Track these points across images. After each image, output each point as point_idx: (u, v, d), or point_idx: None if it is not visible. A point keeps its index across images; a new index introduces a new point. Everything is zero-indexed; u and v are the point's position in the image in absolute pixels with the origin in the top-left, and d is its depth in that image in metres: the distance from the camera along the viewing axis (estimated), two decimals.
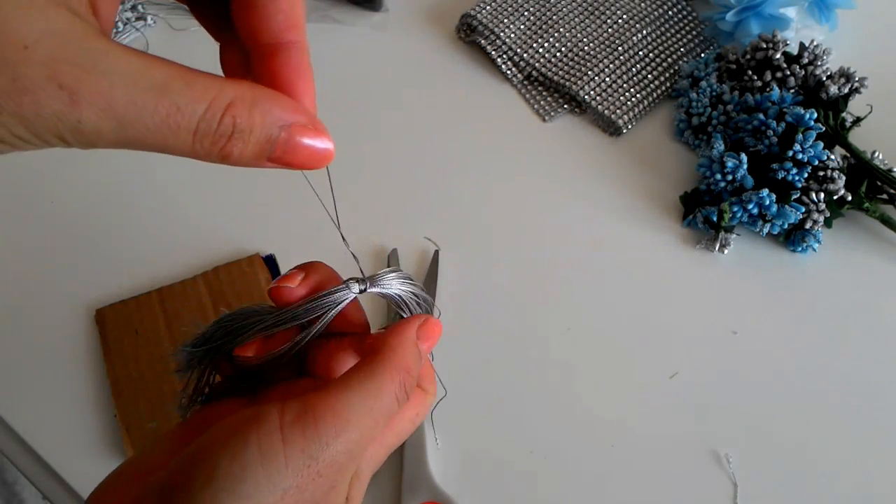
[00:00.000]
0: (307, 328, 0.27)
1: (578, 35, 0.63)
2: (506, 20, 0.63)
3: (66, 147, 0.20)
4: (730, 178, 0.52)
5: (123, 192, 0.56)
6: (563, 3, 0.65)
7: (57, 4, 0.19)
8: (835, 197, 0.52)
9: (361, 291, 0.28)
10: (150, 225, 0.54)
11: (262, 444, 0.22)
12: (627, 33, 0.64)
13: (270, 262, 0.51)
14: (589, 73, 0.61)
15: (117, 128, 0.19)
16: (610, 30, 0.64)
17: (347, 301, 0.27)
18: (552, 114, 0.61)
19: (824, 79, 0.55)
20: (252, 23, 0.24)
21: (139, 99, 0.19)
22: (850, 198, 0.52)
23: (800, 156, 0.51)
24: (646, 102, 0.61)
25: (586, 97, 0.60)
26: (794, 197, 0.51)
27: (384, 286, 0.28)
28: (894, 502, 0.44)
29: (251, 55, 0.25)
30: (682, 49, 0.64)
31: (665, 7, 0.66)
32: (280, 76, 0.24)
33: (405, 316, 0.30)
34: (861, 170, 0.54)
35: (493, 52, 0.63)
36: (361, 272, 0.29)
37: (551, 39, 0.63)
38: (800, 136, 0.51)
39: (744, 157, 0.52)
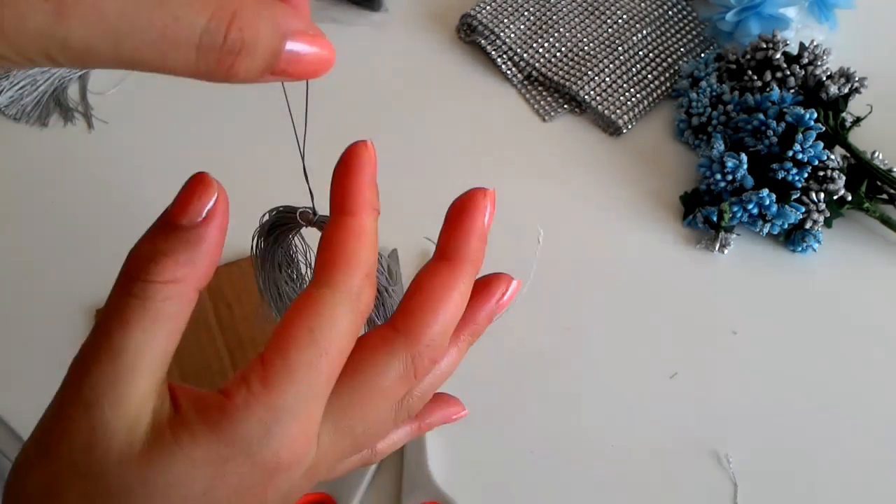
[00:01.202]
0: None
1: (578, 35, 0.63)
2: (506, 20, 0.63)
3: (56, 66, 0.18)
4: (730, 178, 0.52)
5: (123, 192, 0.56)
6: (563, 3, 0.65)
7: None
8: (835, 197, 0.52)
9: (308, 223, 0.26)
10: (150, 225, 0.54)
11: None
12: (627, 33, 0.64)
13: None
14: (589, 73, 0.61)
15: (111, 44, 0.17)
16: (610, 30, 0.64)
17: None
18: (552, 114, 0.61)
19: (824, 79, 0.55)
20: None
21: (131, 9, 0.17)
22: (850, 198, 0.52)
23: (800, 156, 0.51)
24: (646, 102, 0.61)
25: (586, 97, 0.60)
26: (794, 197, 0.51)
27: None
28: (894, 502, 0.44)
29: None
30: (682, 49, 0.64)
31: (665, 7, 0.66)
32: None
33: None
34: (861, 170, 0.54)
35: (493, 52, 0.63)
36: (313, 210, 0.27)
37: (551, 39, 0.63)
38: (800, 136, 0.51)
39: (744, 157, 0.52)
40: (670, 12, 0.66)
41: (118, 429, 0.21)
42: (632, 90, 0.61)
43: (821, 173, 0.52)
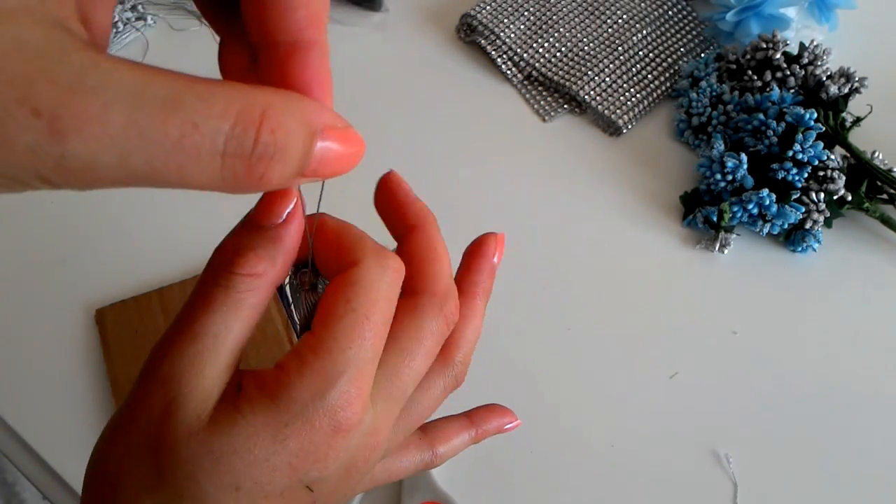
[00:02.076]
0: None
1: (578, 35, 0.63)
2: (506, 20, 0.63)
3: (52, 188, 0.16)
4: (730, 178, 0.52)
5: (123, 192, 0.56)
6: (563, 3, 0.65)
7: (27, 9, 0.15)
8: (835, 197, 0.52)
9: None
10: (150, 225, 0.54)
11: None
12: (627, 33, 0.64)
13: None
14: (589, 73, 0.61)
15: (116, 160, 0.15)
16: (610, 30, 0.64)
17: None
18: (552, 114, 0.61)
19: (824, 79, 0.55)
20: (267, 16, 0.20)
21: (142, 117, 0.15)
22: (850, 198, 0.52)
23: (800, 156, 0.51)
24: (646, 102, 0.61)
25: (586, 97, 0.60)
26: (794, 197, 0.51)
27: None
28: (894, 502, 0.44)
29: (260, 55, 0.21)
30: (682, 49, 0.64)
31: (665, 7, 0.66)
32: (297, 80, 0.21)
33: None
34: (861, 170, 0.54)
35: (493, 52, 0.63)
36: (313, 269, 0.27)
37: (551, 39, 0.63)
38: (800, 136, 0.51)
39: (744, 157, 0.52)
40: (670, 12, 0.66)
41: (191, 405, 0.22)
42: (632, 90, 0.61)
43: (821, 173, 0.52)
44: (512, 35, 0.63)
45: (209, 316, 0.23)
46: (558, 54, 0.63)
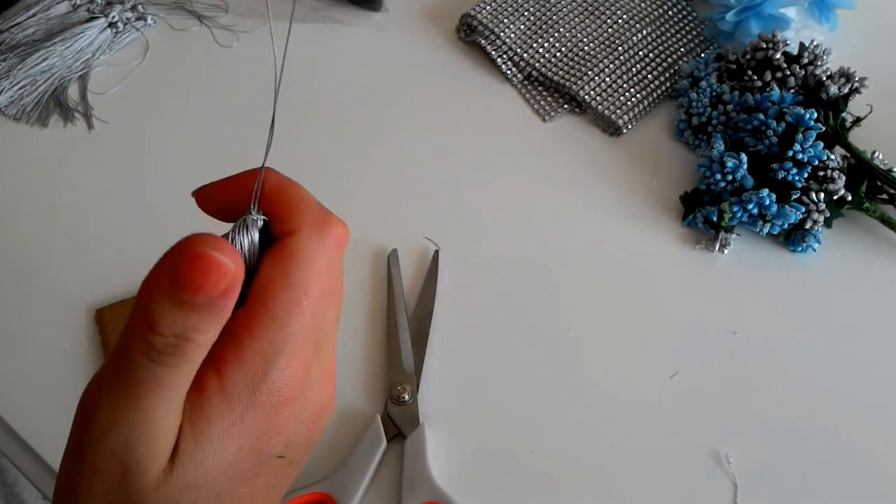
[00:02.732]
0: None
1: (578, 35, 0.63)
2: (506, 20, 0.63)
3: None
4: (730, 178, 0.52)
5: (123, 192, 0.56)
6: (563, 3, 0.65)
7: None
8: (835, 197, 0.52)
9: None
10: (150, 225, 0.54)
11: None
12: (627, 33, 0.64)
13: None
14: (589, 73, 0.61)
15: None
16: (610, 30, 0.64)
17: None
18: (552, 114, 0.61)
19: (824, 79, 0.55)
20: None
21: None
22: (850, 198, 0.52)
23: (800, 156, 0.51)
24: (646, 102, 0.61)
25: (586, 97, 0.60)
26: (794, 197, 0.51)
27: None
28: (894, 502, 0.44)
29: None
30: (682, 49, 0.64)
31: (665, 7, 0.66)
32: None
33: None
34: (861, 170, 0.54)
35: (493, 52, 0.63)
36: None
37: (551, 39, 0.63)
38: (800, 136, 0.51)
39: (744, 157, 0.52)
40: (670, 12, 0.66)
41: (150, 464, 0.22)
42: (632, 90, 0.61)
43: (821, 173, 0.52)
44: (512, 35, 0.63)
45: (160, 392, 0.21)
46: (558, 54, 0.63)
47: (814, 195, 0.52)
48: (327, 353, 0.26)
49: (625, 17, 0.65)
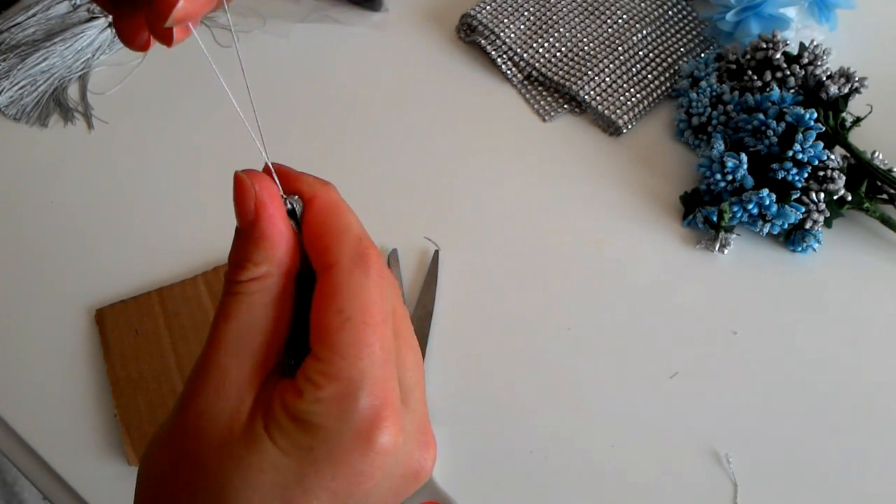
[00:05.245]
0: None
1: (578, 35, 0.63)
2: (506, 20, 0.63)
3: None
4: (730, 178, 0.52)
5: (123, 192, 0.56)
6: (563, 3, 0.65)
7: None
8: (835, 197, 0.52)
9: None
10: (150, 225, 0.54)
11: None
12: (627, 33, 0.64)
13: None
14: (589, 73, 0.61)
15: None
16: (610, 30, 0.64)
17: None
18: (552, 114, 0.61)
19: (824, 79, 0.55)
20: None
21: None
22: (850, 198, 0.52)
23: (800, 156, 0.51)
24: (646, 102, 0.61)
25: (586, 97, 0.60)
26: (794, 197, 0.51)
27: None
28: (894, 503, 0.44)
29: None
30: (682, 49, 0.64)
31: (665, 7, 0.66)
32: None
33: None
34: (861, 170, 0.54)
35: (493, 52, 0.63)
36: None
37: (551, 39, 0.63)
38: (800, 136, 0.51)
39: (744, 157, 0.52)
40: (670, 12, 0.66)
41: (219, 416, 0.23)
42: (632, 90, 0.61)
43: (821, 173, 0.52)
44: (512, 35, 0.63)
45: (227, 323, 0.23)
46: (558, 54, 0.63)
47: (814, 195, 0.52)
48: (416, 405, 0.25)
49: (625, 17, 0.65)
